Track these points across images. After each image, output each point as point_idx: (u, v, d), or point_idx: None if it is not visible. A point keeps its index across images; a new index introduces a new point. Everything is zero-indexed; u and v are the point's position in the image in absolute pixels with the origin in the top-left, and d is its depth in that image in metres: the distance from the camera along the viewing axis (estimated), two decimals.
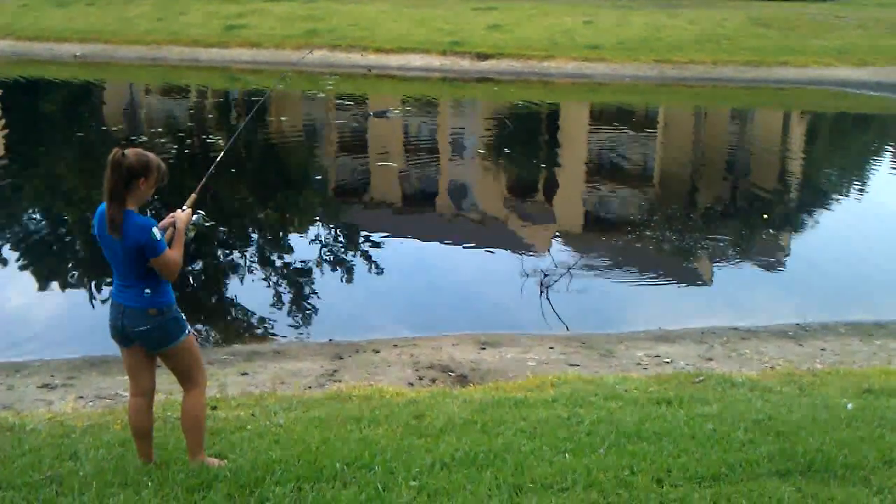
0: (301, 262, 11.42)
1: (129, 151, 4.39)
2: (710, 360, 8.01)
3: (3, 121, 24.77)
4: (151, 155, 4.49)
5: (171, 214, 4.66)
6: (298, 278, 10.77)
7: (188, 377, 4.66)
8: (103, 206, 4.41)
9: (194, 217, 4.86)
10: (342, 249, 12.13)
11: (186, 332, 4.60)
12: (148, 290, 4.44)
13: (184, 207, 4.74)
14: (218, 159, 5.34)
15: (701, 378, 6.77)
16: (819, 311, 9.82)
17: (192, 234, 5.15)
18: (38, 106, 27.34)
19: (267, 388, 6.87)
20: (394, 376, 7.30)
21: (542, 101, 28.77)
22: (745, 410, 5.75)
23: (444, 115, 27.02)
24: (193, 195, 4.89)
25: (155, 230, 4.36)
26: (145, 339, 4.51)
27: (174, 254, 4.47)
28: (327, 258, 11.64)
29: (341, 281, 10.83)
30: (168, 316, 4.51)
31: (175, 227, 4.59)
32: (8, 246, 12.08)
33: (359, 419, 5.54)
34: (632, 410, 5.73)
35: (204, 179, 5.07)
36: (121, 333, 4.54)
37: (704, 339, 8.65)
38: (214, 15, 40.33)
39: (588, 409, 5.72)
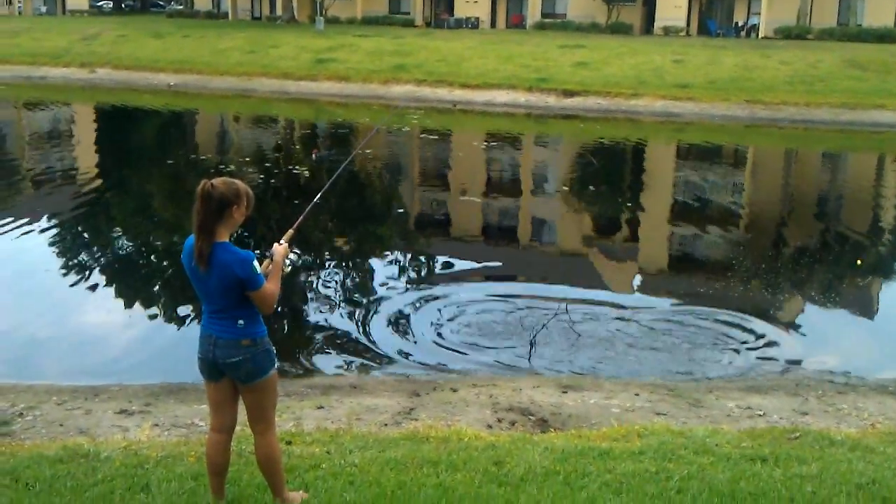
0: (379, 293, 11.29)
1: (217, 181, 4.33)
2: (806, 413, 7.58)
3: (99, 146, 25.53)
4: (239, 182, 4.43)
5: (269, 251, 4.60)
6: (377, 310, 10.64)
7: (263, 416, 4.55)
8: (191, 239, 4.35)
9: (289, 259, 4.78)
10: (421, 282, 11.99)
11: (275, 367, 4.52)
12: (242, 321, 4.37)
13: (281, 241, 4.66)
14: (315, 200, 5.23)
15: (797, 434, 6.38)
16: None
17: (287, 269, 5.07)
18: (132, 132, 28.12)
19: (343, 423, 6.73)
20: (472, 417, 7.08)
21: (627, 138, 28.40)
22: (847, 472, 5.38)
23: (527, 150, 26.87)
24: (291, 231, 4.82)
25: (255, 263, 4.30)
26: (236, 370, 4.42)
27: (272, 287, 4.40)
28: (406, 290, 11.49)
29: (418, 314, 10.66)
30: (261, 347, 4.44)
31: (272, 260, 4.51)
32: (96, 269, 12.28)
33: (436, 463, 5.34)
34: (724, 467, 5.40)
35: (302, 217, 4.99)
36: (211, 365, 4.45)
37: (799, 392, 8.20)
38: (305, 49, 41.13)
39: (678, 464, 5.41)
